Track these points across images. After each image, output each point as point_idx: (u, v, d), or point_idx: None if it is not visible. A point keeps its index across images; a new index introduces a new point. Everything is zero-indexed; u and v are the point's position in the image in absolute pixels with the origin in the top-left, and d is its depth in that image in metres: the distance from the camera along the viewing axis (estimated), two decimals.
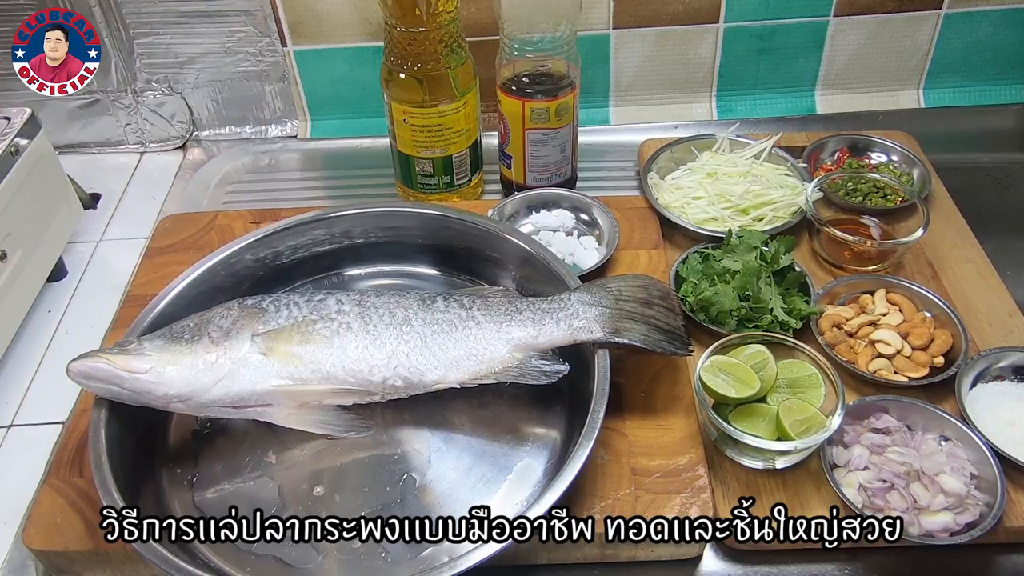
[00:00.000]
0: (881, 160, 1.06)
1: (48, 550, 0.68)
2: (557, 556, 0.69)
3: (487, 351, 0.72)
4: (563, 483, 0.62)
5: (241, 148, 1.21)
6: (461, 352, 0.72)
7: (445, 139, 0.98)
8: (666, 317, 0.75)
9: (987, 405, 0.75)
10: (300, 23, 1.12)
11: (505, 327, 0.73)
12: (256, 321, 0.73)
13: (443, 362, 0.72)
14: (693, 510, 0.67)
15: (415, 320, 0.74)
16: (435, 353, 0.72)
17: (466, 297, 0.77)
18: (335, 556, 0.66)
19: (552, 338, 0.73)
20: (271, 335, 0.72)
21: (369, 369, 0.71)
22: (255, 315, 0.73)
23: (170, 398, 0.69)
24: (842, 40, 1.15)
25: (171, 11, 1.10)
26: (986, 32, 1.15)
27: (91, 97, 1.17)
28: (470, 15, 1.07)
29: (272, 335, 0.72)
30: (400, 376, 0.72)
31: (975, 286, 0.90)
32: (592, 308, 0.73)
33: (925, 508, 0.67)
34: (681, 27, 1.13)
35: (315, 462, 0.73)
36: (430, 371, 0.72)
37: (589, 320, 0.72)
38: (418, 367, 0.72)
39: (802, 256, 0.94)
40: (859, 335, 0.82)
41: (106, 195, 1.15)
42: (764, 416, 0.72)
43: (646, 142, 1.10)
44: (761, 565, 0.70)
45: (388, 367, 0.72)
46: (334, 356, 0.71)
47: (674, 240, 0.96)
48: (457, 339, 0.73)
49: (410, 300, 0.76)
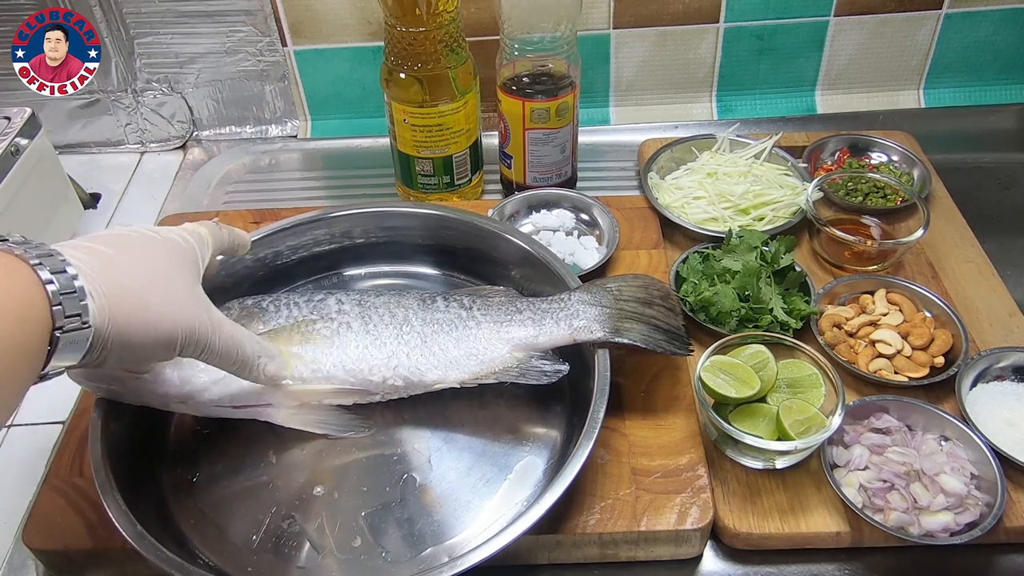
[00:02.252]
0: (881, 160, 1.06)
1: (48, 550, 0.68)
2: (557, 556, 0.69)
3: (487, 351, 0.72)
4: (563, 483, 0.62)
5: (241, 148, 1.21)
6: (461, 352, 0.72)
7: (445, 139, 0.98)
8: (666, 317, 0.75)
9: (987, 405, 0.75)
10: (300, 23, 1.12)
11: (505, 327, 0.73)
12: (256, 321, 0.73)
13: (443, 362, 0.72)
14: (693, 510, 0.68)
15: (415, 320, 0.74)
16: (435, 353, 0.72)
17: (466, 297, 0.77)
18: (335, 556, 0.66)
19: (552, 338, 0.73)
20: (271, 335, 0.72)
21: (369, 369, 0.71)
22: (255, 315, 0.73)
23: (170, 398, 0.69)
24: (842, 40, 1.15)
25: (171, 11, 1.10)
26: (986, 32, 1.15)
27: (91, 97, 1.18)
28: (470, 15, 1.07)
29: (272, 335, 0.72)
30: (400, 376, 0.72)
31: (975, 286, 0.90)
32: (592, 308, 0.73)
33: (925, 508, 0.67)
34: (681, 27, 1.13)
35: (315, 462, 0.73)
36: (430, 371, 0.72)
37: (589, 320, 0.72)
38: (418, 367, 0.72)
39: (802, 256, 0.94)
40: (859, 335, 0.82)
41: (106, 195, 1.15)
42: (764, 416, 0.72)
43: (646, 142, 1.10)
44: (761, 565, 0.70)
45: (388, 367, 0.72)
46: (334, 356, 0.71)
47: (674, 240, 0.96)
48: (457, 339, 0.73)
49: (410, 300, 0.76)
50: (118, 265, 0.54)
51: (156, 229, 0.62)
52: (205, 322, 0.59)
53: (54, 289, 0.49)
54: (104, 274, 0.52)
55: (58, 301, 0.48)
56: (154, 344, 0.55)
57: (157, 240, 0.60)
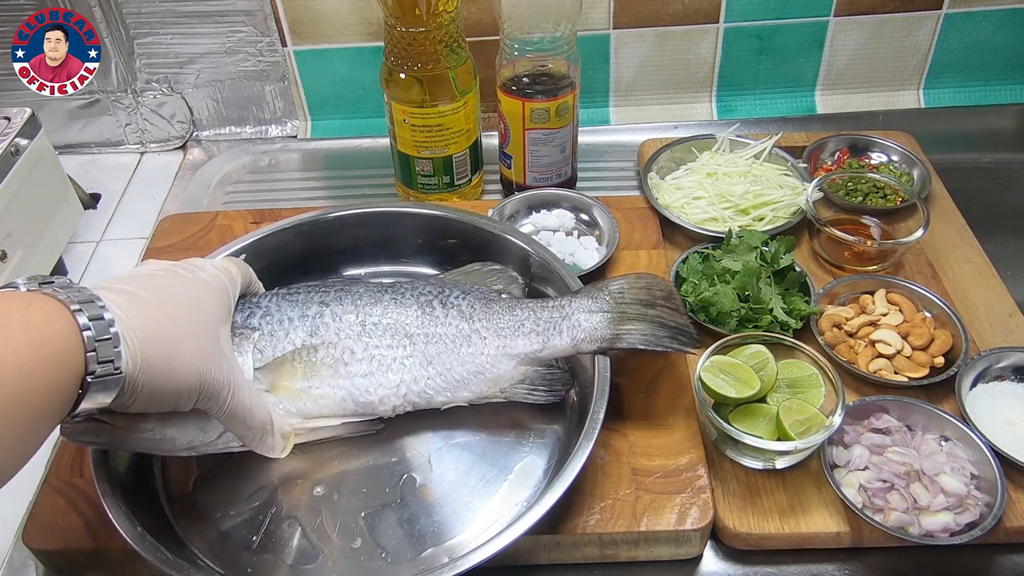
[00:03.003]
0: (881, 160, 1.06)
1: (48, 550, 0.68)
2: (557, 556, 0.69)
3: (493, 368, 0.72)
4: (563, 483, 0.62)
5: (241, 148, 1.21)
6: (467, 370, 0.72)
7: (445, 139, 0.98)
8: (671, 316, 0.74)
9: (987, 405, 0.75)
10: (300, 23, 1.12)
11: (509, 340, 0.72)
12: (247, 342, 0.69)
13: (450, 383, 0.71)
14: (693, 510, 0.68)
15: (418, 337, 0.72)
16: (442, 374, 0.71)
17: (464, 302, 0.74)
18: (335, 556, 0.66)
19: (555, 351, 0.73)
20: (273, 369, 0.68)
21: (380, 400, 0.70)
22: (245, 336, 0.69)
23: (178, 450, 0.66)
24: (842, 40, 1.15)
25: (171, 11, 1.10)
26: (986, 32, 1.15)
27: (91, 97, 1.18)
28: (470, 15, 1.07)
29: (274, 369, 0.68)
30: (410, 402, 0.71)
31: (975, 286, 0.90)
32: (594, 316, 0.72)
33: (925, 508, 0.67)
34: (681, 27, 1.13)
35: (315, 462, 0.73)
36: (439, 394, 0.72)
37: (590, 330, 0.72)
38: (426, 390, 0.71)
39: (802, 256, 0.94)
40: (859, 335, 0.82)
41: (106, 195, 1.15)
42: (764, 416, 0.72)
43: (646, 142, 1.10)
44: (761, 565, 0.70)
45: (397, 395, 0.71)
46: (342, 389, 0.70)
47: (674, 240, 0.96)
48: (462, 358, 0.72)
49: (408, 310, 0.73)
50: (155, 313, 0.56)
51: (192, 266, 0.64)
52: (225, 380, 0.60)
53: (90, 335, 0.50)
54: (141, 321, 0.54)
55: (92, 347, 0.50)
56: (178, 394, 0.57)
57: (194, 284, 0.62)
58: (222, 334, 0.63)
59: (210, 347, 0.60)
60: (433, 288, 0.76)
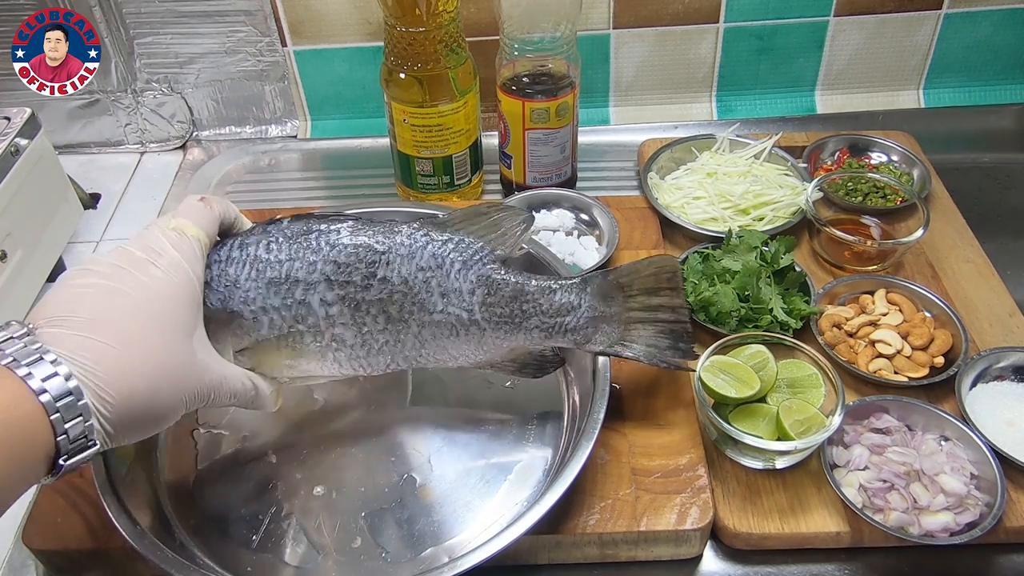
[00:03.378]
0: (881, 160, 1.06)
1: (48, 550, 0.68)
2: (557, 556, 0.69)
3: (488, 354, 0.70)
4: (563, 483, 0.62)
5: (241, 148, 1.21)
6: (460, 351, 0.69)
7: (445, 139, 0.98)
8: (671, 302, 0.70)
9: (987, 405, 0.75)
10: (300, 23, 1.12)
11: (511, 336, 0.69)
12: (227, 332, 0.62)
13: (441, 360, 0.69)
14: (693, 510, 0.68)
15: (412, 321, 0.66)
16: (434, 353, 0.69)
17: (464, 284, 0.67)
18: (335, 556, 0.66)
19: (557, 346, 0.71)
20: (257, 353, 0.64)
21: (368, 372, 0.69)
22: (224, 322, 0.62)
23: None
24: (842, 40, 1.15)
25: (171, 11, 1.10)
26: (986, 32, 1.15)
27: (91, 97, 1.17)
28: (470, 15, 1.07)
29: (258, 353, 0.64)
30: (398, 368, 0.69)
31: (975, 286, 0.90)
32: (603, 323, 0.69)
33: (925, 508, 0.67)
34: (681, 27, 1.13)
35: (315, 462, 0.73)
36: (427, 363, 0.69)
37: (597, 337, 0.69)
38: (415, 363, 0.69)
39: (802, 256, 0.94)
40: (859, 335, 0.82)
41: (106, 195, 1.15)
42: (764, 416, 0.72)
43: (646, 142, 1.10)
44: (761, 565, 0.70)
45: (386, 370, 0.69)
46: (329, 368, 0.67)
47: (674, 240, 0.96)
48: (458, 343, 0.68)
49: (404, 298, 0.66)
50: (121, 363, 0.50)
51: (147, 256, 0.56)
52: (207, 388, 0.57)
53: (57, 418, 0.47)
54: (108, 378, 0.49)
55: (63, 431, 0.47)
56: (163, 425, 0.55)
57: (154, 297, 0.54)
58: (196, 341, 0.57)
59: (186, 371, 0.55)
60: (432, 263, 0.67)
